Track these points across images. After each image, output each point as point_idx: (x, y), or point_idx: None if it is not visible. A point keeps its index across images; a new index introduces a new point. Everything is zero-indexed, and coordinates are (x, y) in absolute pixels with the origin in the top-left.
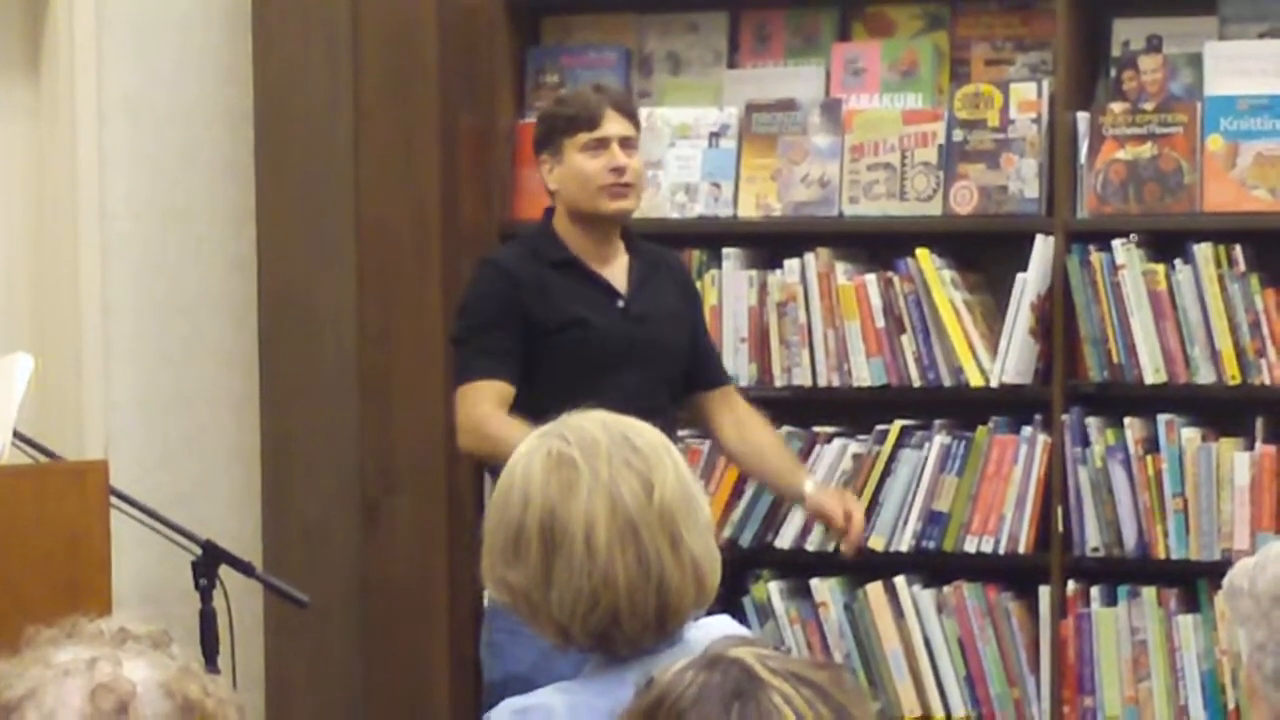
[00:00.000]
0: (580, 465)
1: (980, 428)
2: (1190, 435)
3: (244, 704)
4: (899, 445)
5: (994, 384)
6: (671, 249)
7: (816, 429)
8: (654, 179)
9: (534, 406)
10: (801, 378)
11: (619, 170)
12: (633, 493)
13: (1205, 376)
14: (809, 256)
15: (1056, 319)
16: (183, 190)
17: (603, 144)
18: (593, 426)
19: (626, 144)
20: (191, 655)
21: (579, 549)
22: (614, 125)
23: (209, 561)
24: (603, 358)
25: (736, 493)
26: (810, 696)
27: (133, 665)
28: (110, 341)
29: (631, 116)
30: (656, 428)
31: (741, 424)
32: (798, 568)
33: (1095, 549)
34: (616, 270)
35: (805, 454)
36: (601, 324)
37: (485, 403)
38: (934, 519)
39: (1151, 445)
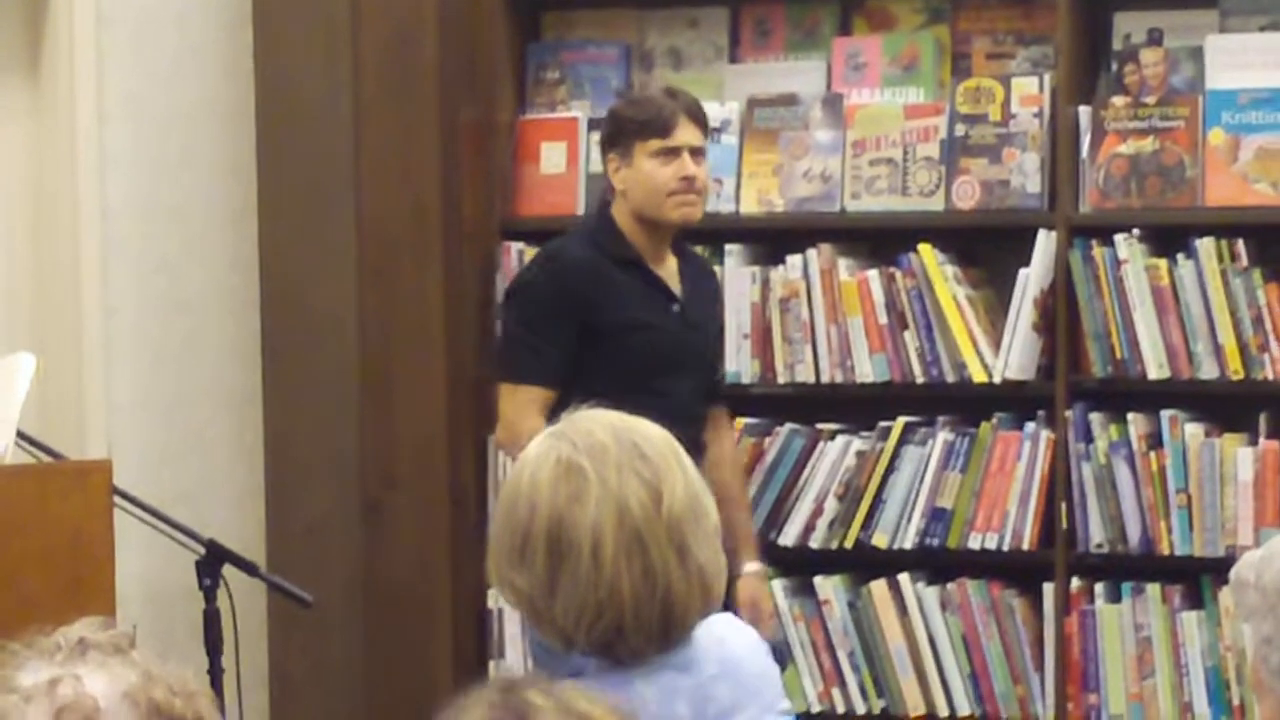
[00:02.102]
0: (589, 473)
1: (984, 424)
2: (1194, 431)
3: (213, 695)
4: (902, 442)
5: (997, 380)
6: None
7: (819, 426)
8: None
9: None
10: (804, 374)
11: (689, 180)
12: (640, 503)
13: (1208, 372)
14: (811, 252)
15: (1059, 314)
16: (183, 189)
17: (674, 152)
18: (602, 432)
19: (697, 153)
20: (194, 654)
21: (585, 561)
22: (686, 134)
23: (212, 561)
24: (659, 362)
25: None
26: None
27: (94, 679)
28: (112, 340)
29: (704, 125)
30: (695, 436)
31: (716, 454)
32: (801, 565)
33: (1099, 545)
34: (669, 273)
35: (808, 452)
36: (660, 326)
37: (532, 417)
38: (937, 516)
39: (1155, 441)
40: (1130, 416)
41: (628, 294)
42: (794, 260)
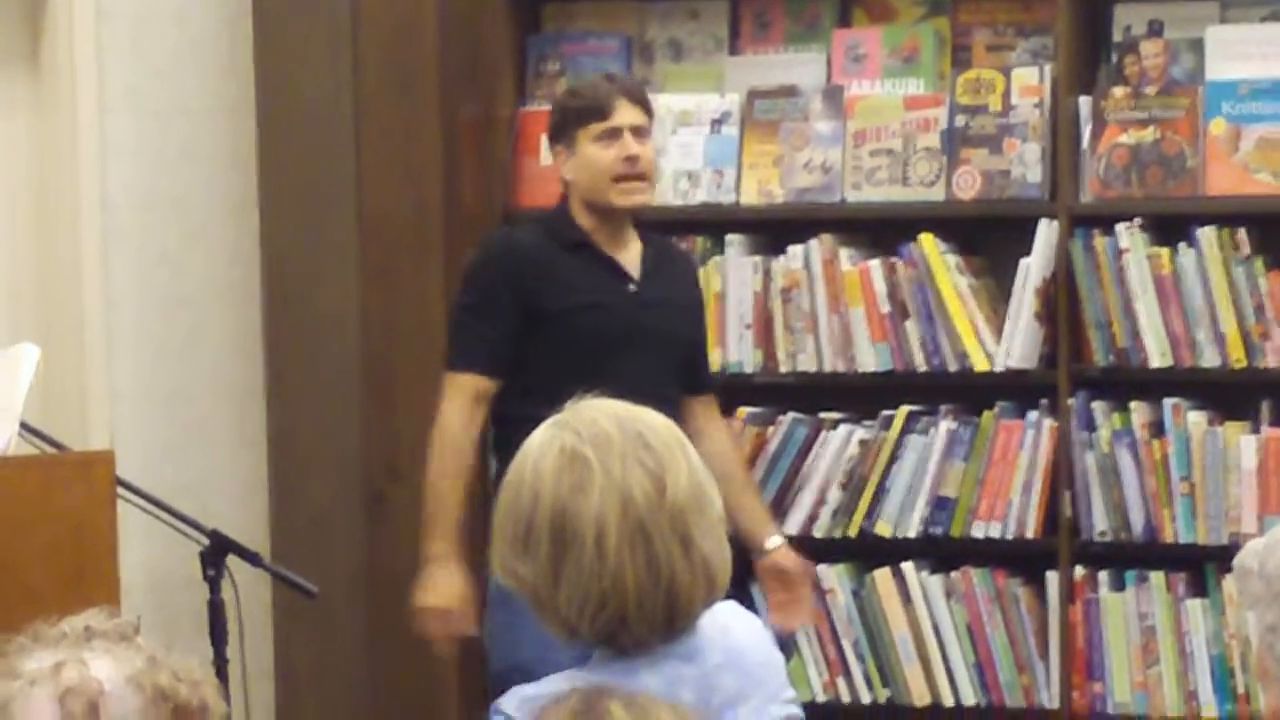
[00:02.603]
0: (593, 463)
1: (986, 413)
2: (1196, 419)
3: (218, 684)
4: (905, 431)
5: (999, 369)
6: (680, 244)
7: (822, 415)
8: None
9: (535, 388)
10: (806, 364)
11: (632, 160)
12: (645, 493)
13: (1210, 360)
14: (812, 243)
15: (1060, 303)
16: (184, 181)
17: (615, 134)
18: (606, 421)
19: (639, 133)
20: (199, 645)
21: (589, 551)
22: (626, 114)
23: (217, 552)
24: (609, 341)
25: None
26: None
27: (99, 664)
28: (113, 333)
29: (644, 105)
30: (663, 414)
31: (715, 443)
32: (806, 554)
33: (1103, 534)
34: (630, 255)
35: (811, 441)
36: (611, 306)
37: (461, 406)
38: (941, 505)
39: (1158, 429)
40: (1133, 405)
41: (574, 275)
42: (795, 250)
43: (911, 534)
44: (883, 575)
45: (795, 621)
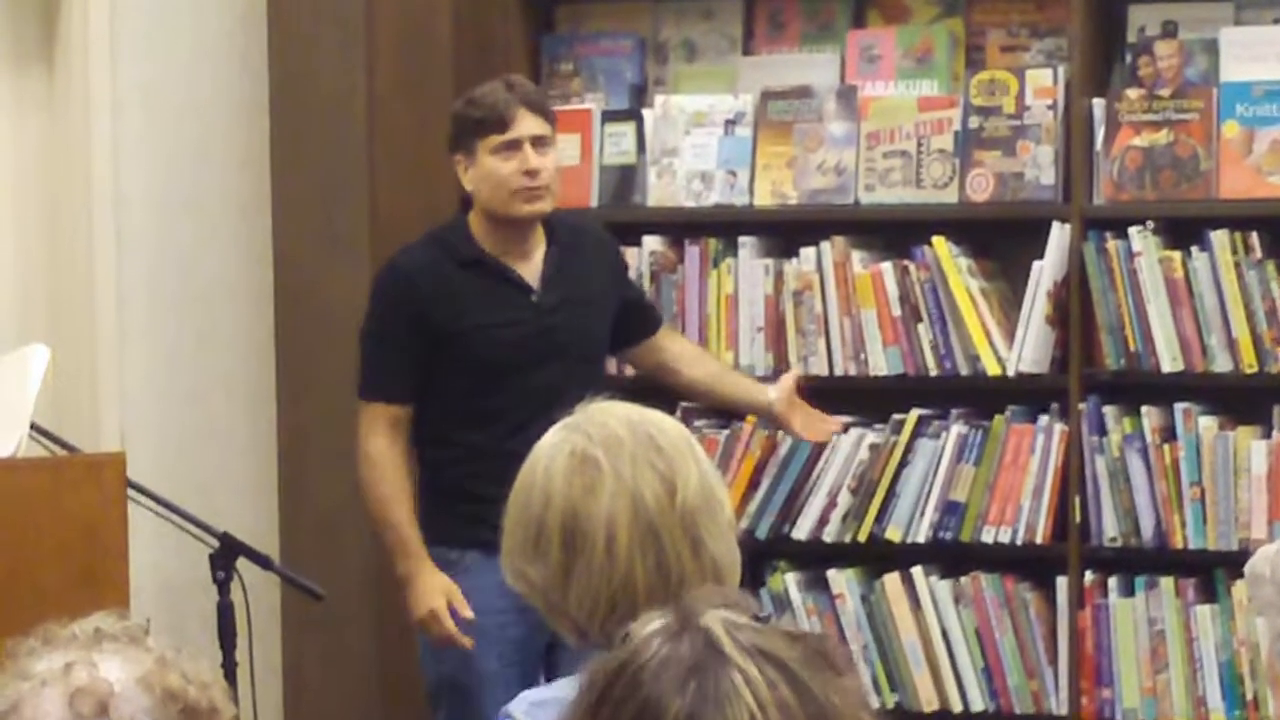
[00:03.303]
0: (603, 465)
1: (997, 417)
2: (1207, 424)
3: (227, 686)
4: (916, 435)
5: (1010, 373)
6: (584, 217)
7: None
8: (669, 167)
9: (447, 409)
10: (818, 367)
11: (532, 173)
12: (655, 495)
13: (1222, 365)
14: (825, 245)
15: (1073, 307)
16: (197, 181)
17: (515, 146)
18: (616, 423)
19: (540, 143)
20: (208, 647)
21: (599, 553)
22: (526, 125)
23: (226, 554)
24: (513, 356)
25: (753, 484)
26: (774, 677)
27: (109, 665)
28: (125, 332)
29: (545, 114)
30: None
31: (692, 357)
32: (815, 559)
33: (1113, 539)
34: (531, 264)
35: (822, 445)
36: (510, 321)
37: (376, 435)
38: (951, 509)
39: (1169, 434)
40: (1144, 409)
41: (469, 294)
42: (808, 253)
43: (921, 539)
44: (892, 580)
45: (829, 427)
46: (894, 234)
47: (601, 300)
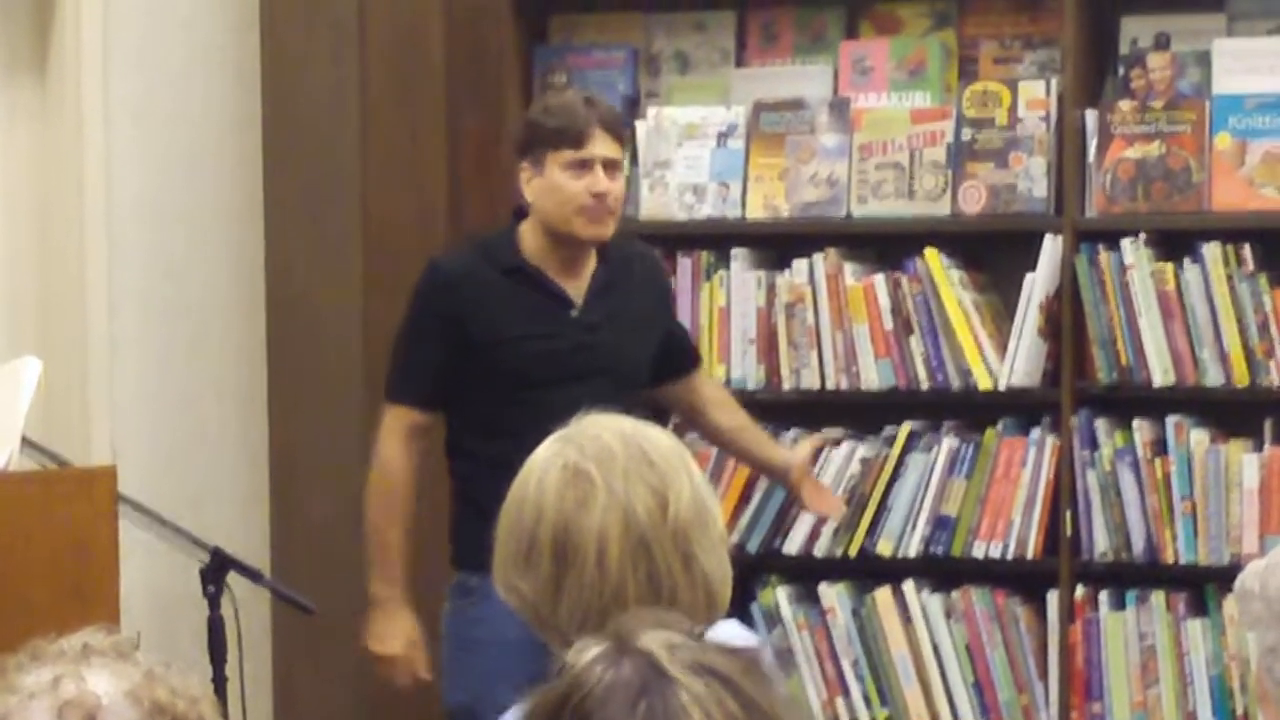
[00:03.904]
0: (595, 479)
1: (989, 430)
2: (1199, 437)
3: (216, 701)
4: (907, 449)
5: (1002, 386)
6: (641, 241)
7: (825, 432)
8: (661, 179)
9: (476, 422)
10: (809, 380)
11: (600, 196)
12: (647, 509)
13: (1214, 378)
14: (817, 257)
15: (1065, 320)
16: (189, 191)
17: (587, 165)
18: (610, 437)
19: (611, 167)
20: (198, 661)
21: (590, 566)
22: (600, 146)
23: (217, 568)
24: (547, 371)
25: (744, 498)
26: (720, 693)
27: (97, 678)
28: (117, 343)
29: (620, 138)
30: None
31: (721, 403)
32: (805, 573)
33: (1104, 553)
34: (578, 281)
35: (813, 458)
36: (546, 335)
37: (395, 439)
38: (942, 523)
39: (1160, 448)
40: (1135, 423)
41: (507, 304)
42: (799, 265)
43: (912, 553)
44: (883, 595)
45: (835, 504)
46: (886, 246)
47: (645, 326)
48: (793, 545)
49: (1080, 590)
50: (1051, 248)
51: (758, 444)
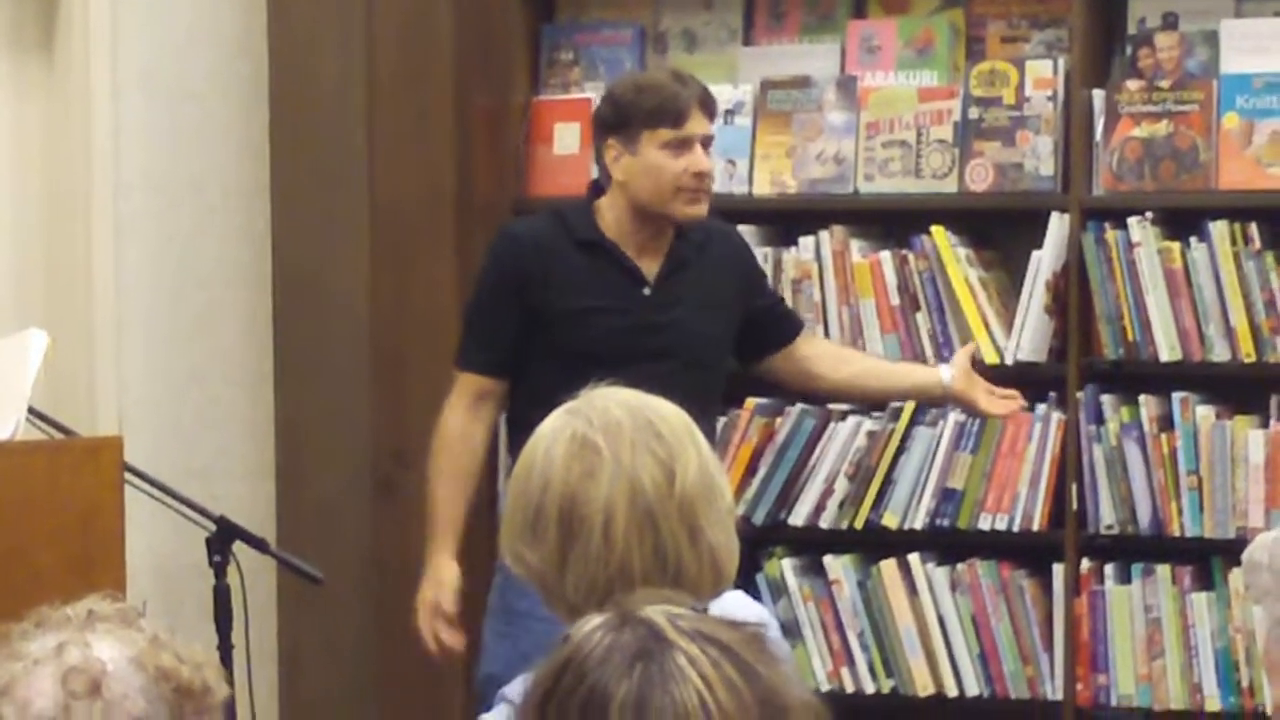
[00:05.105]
0: (603, 450)
1: None
2: (1205, 413)
3: (220, 668)
4: (913, 423)
5: (1009, 361)
6: (721, 219)
7: (831, 406)
8: None
9: (541, 393)
10: None
11: (700, 175)
12: (654, 481)
13: (1220, 354)
14: (824, 234)
15: (1071, 296)
16: (197, 166)
17: (686, 144)
18: (618, 409)
19: (708, 145)
20: (204, 630)
21: (596, 538)
22: (699, 124)
23: (223, 538)
24: (615, 346)
25: (750, 470)
26: (717, 657)
27: (101, 645)
28: (124, 317)
29: (713, 116)
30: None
31: (836, 356)
32: (811, 545)
33: (1109, 527)
34: (653, 259)
35: (819, 432)
36: (617, 310)
37: (461, 406)
38: (948, 496)
39: (1166, 423)
40: (1142, 398)
41: (579, 275)
42: (806, 242)
43: (918, 525)
44: (889, 566)
45: (1013, 403)
46: (893, 223)
47: (723, 307)
48: (799, 517)
49: (1086, 563)
50: (1058, 226)
51: (894, 376)
